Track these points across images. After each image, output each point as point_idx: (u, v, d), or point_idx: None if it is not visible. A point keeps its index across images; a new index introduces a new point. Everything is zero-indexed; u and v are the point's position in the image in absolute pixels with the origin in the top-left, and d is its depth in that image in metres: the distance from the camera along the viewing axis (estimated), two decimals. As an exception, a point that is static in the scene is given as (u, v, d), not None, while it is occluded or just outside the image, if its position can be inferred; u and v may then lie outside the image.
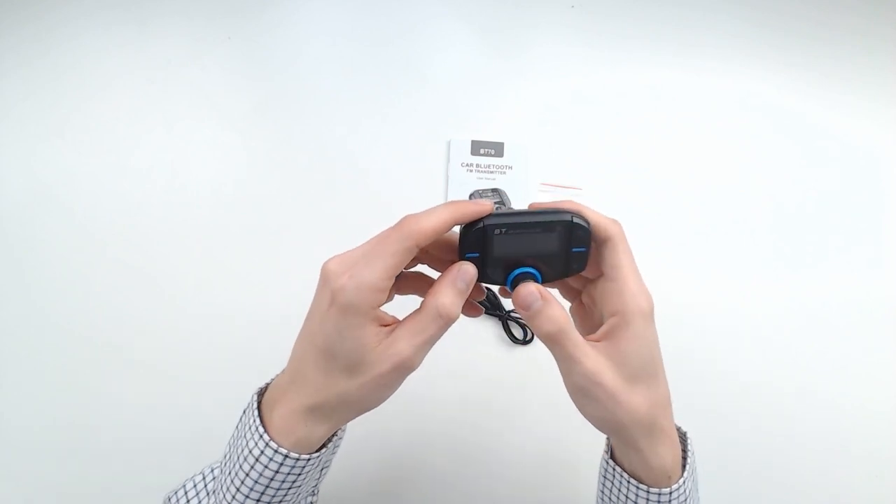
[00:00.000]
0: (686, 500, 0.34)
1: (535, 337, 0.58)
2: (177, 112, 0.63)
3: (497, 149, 0.63)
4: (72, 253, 0.60)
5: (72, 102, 0.63)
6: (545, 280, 0.33)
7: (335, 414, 0.32)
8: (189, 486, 0.36)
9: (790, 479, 0.59)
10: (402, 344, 0.30)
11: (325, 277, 0.31)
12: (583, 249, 0.33)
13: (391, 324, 0.32)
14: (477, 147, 0.63)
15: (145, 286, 0.60)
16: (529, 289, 0.32)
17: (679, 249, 0.63)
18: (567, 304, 0.36)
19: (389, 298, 0.32)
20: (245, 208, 0.62)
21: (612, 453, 0.37)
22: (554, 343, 0.32)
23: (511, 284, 0.33)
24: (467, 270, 0.32)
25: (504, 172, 0.63)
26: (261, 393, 0.34)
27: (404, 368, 0.31)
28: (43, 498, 0.56)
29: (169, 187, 0.62)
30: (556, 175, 0.63)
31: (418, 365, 0.31)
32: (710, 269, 0.63)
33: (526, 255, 0.33)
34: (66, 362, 0.58)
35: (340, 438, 0.37)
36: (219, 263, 0.61)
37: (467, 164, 0.63)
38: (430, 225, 0.30)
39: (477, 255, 0.32)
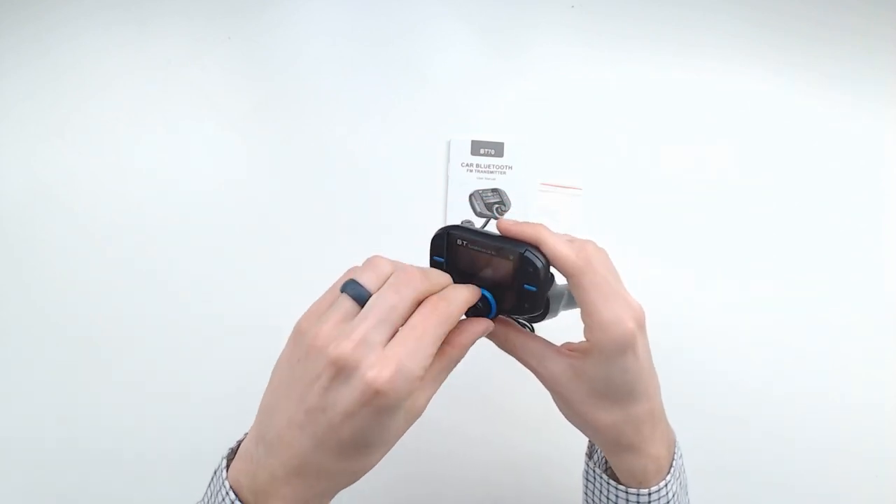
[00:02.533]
0: (669, 501, 0.34)
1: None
2: (177, 112, 0.63)
3: (497, 149, 0.63)
4: (72, 253, 0.60)
5: (72, 102, 0.63)
6: (500, 311, 0.33)
7: (333, 493, 0.30)
8: None
9: (790, 479, 0.59)
10: (417, 400, 0.29)
11: (350, 367, 0.26)
12: (533, 289, 0.31)
13: None
14: (477, 147, 0.63)
15: (146, 286, 0.60)
16: (476, 326, 0.32)
17: (679, 249, 0.63)
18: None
19: None
20: (245, 208, 0.62)
21: (592, 453, 0.39)
22: (514, 356, 0.34)
23: None
24: (480, 322, 0.32)
25: (504, 172, 0.63)
26: (229, 457, 0.30)
27: (413, 420, 0.30)
28: (48, 488, 0.56)
29: (169, 187, 0.62)
30: (556, 175, 0.63)
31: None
32: (710, 268, 0.63)
33: (483, 277, 0.32)
34: (66, 362, 0.58)
35: None
36: (219, 263, 0.61)
37: (467, 164, 0.63)
38: (461, 308, 0.30)
39: (442, 259, 0.33)
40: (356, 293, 0.28)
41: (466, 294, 0.31)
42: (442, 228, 0.33)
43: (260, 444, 0.28)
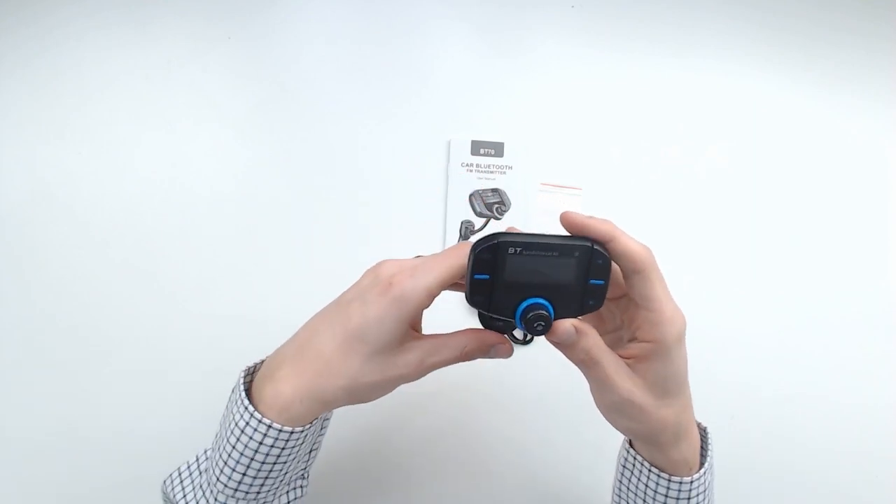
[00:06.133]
0: (705, 490, 0.35)
1: (535, 337, 0.59)
2: (177, 112, 0.63)
3: (497, 149, 0.63)
4: (72, 253, 0.60)
5: (72, 102, 0.63)
6: (557, 316, 0.30)
7: (333, 397, 0.32)
8: (183, 467, 0.37)
9: (790, 479, 0.59)
10: (421, 355, 0.32)
11: (380, 270, 0.32)
12: (601, 283, 0.30)
13: (419, 333, 0.34)
14: (477, 147, 0.63)
15: (146, 286, 0.60)
16: (565, 326, 0.31)
17: (679, 249, 0.63)
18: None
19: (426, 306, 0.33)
20: (245, 208, 0.62)
21: (631, 443, 0.38)
22: (587, 368, 0.32)
23: (520, 319, 0.30)
24: (506, 350, 0.34)
25: (504, 172, 0.63)
26: (248, 372, 0.35)
27: (408, 378, 0.33)
28: (46, 492, 0.56)
29: (169, 187, 0.62)
30: (556, 175, 0.63)
31: (413, 379, 0.33)
32: (710, 268, 0.63)
33: (539, 283, 0.30)
34: (66, 362, 0.58)
35: (327, 419, 0.38)
36: (219, 263, 0.61)
37: (467, 164, 0.63)
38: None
39: (487, 276, 0.29)
40: None
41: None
42: (486, 239, 0.29)
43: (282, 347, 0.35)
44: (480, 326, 0.35)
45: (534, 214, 0.63)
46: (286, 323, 0.37)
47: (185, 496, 0.35)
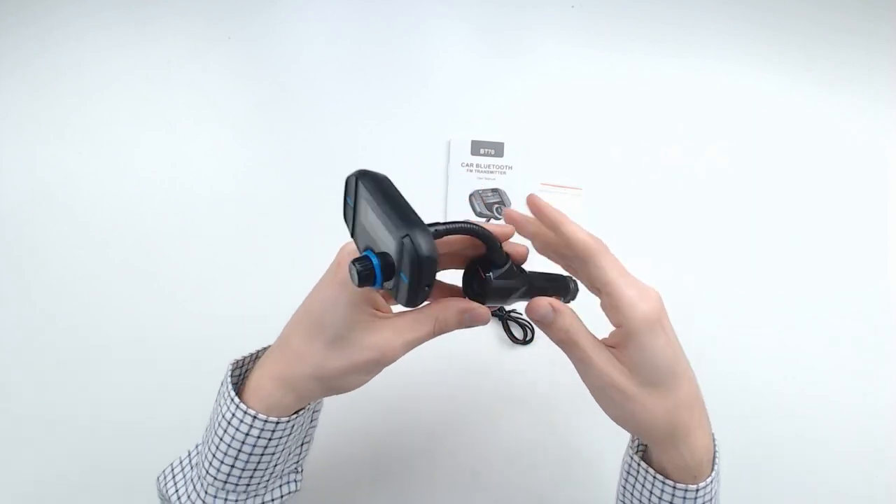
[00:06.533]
0: (712, 500, 0.34)
1: (536, 337, 0.59)
2: (177, 112, 0.63)
3: (497, 149, 0.63)
4: (72, 253, 0.60)
5: (72, 102, 0.63)
6: (383, 277, 0.28)
7: (304, 386, 0.32)
8: (175, 463, 0.38)
9: (790, 478, 0.59)
10: (389, 335, 0.31)
11: (339, 253, 0.33)
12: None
13: (386, 313, 0.33)
14: (477, 147, 0.63)
15: (146, 286, 0.60)
16: (541, 302, 0.32)
17: (679, 249, 0.63)
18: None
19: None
20: (245, 207, 0.62)
21: (637, 449, 0.38)
22: (567, 348, 0.33)
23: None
24: (482, 315, 0.32)
25: (504, 172, 0.63)
26: (236, 365, 0.35)
27: (383, 360, 0.31)
28: (50, 486, 0.56)
29: (169, 187, 0.62)
30: (556, 175, 0.63)
31: (396, 360, 0.32)
32: (710, 268, 0.63)
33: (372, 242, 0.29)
34: (66, 361, 0.58)
35: (317, 412, 0.38)
36: (219, 263, 0.61)
37: (467, 164, 0.63)
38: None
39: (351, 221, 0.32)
40: None
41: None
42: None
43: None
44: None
45: (534, 214, 0.63)
46: (285, 321, 0.37)
47: (177, 491, 0.35)
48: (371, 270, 0.27)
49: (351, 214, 0.31)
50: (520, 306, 0.43)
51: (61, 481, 0.56)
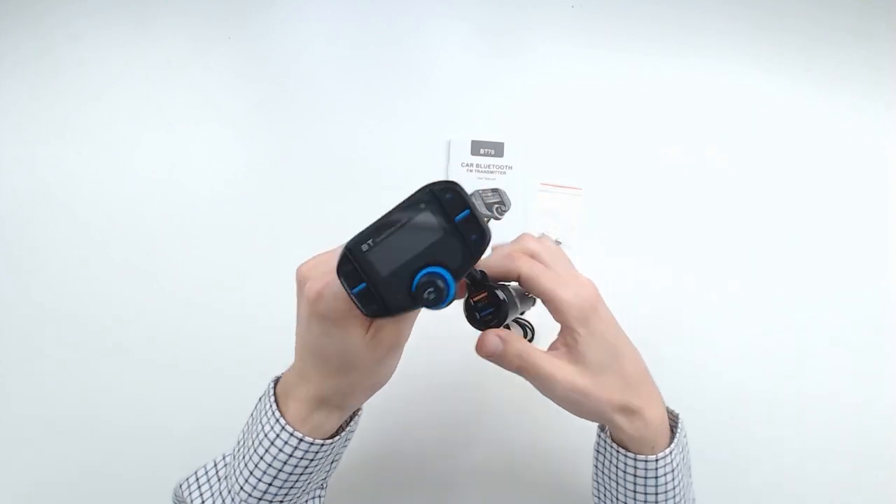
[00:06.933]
0: (673, 471, 0.36)
1: (535, 337, 0.59)
2: (177, 112, 0.63)
3: (497, 149, 0.63)
4: (72, 253, 0.60)
5: (72, 102, 0.63)
6: (457, 275, 0.27)
7: (344, 402, 0.33)
8: (201, 472, 0.37)
9: (791, 478, 0.59)
10: (388, 329, 0.31)
11: (300, 284, 0.31)
12: (467, 213, 0.27)
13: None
14: (477, 147, 0.63)
15: (146, 286, 0.60)
16: (489, 336, 0.34)
17: (678, 249, 0.63)
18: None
19: None
20: (244, 207, 0.62)
21: (604, 427, 0.40)
22: (526, 373, 0.34)
23: (417, 300, 0.27)
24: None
25: (504, 172, 0.63)
26: (276, 382, 0.35)
27: (397, 348, 0.32)
28: (48, 487, 0.56)
29: (169, 187, 0.62)
30: (556, 175, 0.63)
31: (408, 337, 0.33)
32: (709, 268, 0.63)
33: (413, 256, 0.27)
34: (67, 361, 0.58)
35: (352, 431, 0.38)
36: (219, 262, 0.61)
37: (467, 164, 0.63)
38: None
39: (365, 284, 0.27)
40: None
41: None
42: (341, 257, 0.27)
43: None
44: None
45: (534, 214, 0.63)
46: (286, 322, 0.37)
47: (203, 502, 0.35)
48: (444, 285, 0.26)
49: (372, 293, 0.27)
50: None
51: (61, 481, 0.56)
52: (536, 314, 0.43)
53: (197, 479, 0.37)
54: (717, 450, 0.59)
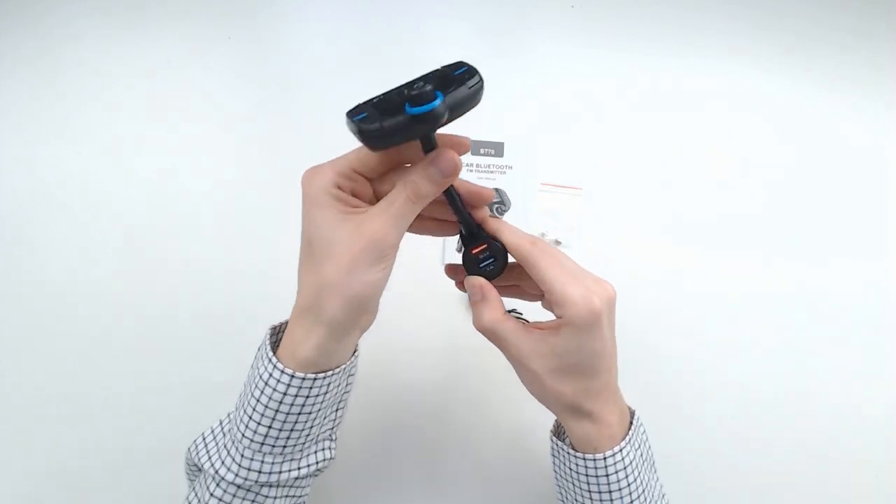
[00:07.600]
0: (626, 468, 0.36)
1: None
2: (177, 112, 0.63)
3: (497, 149, 0.63)
4: (72, 253, 0.60)
5: (72, 102, 0.63)
6: (445, 93, 0.32)
7: (322, 311, 0.32)
8: (207, 432, 0.38)
9: (790, 478, 0.59)
10: (371, 219, 0.32)
11: (303, 185, 0.34)
12: (464, 68, 0.35)
13: (358, 206, 0.34)
14: (477, 147, 0.63)
15: (146, 286, 0.60)
16: (478, 282, 0.36)
17: (679, 249, 0.63)
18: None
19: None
20: (244, 208, 0.62)
21: (556, 431, 0.41)
22: (489, 336, 0.36)
23: (409, 105, 0.30)
24: (447, 158, 0.34)
25: (504, 172, 0.63)
26: (274, 330, 0.36)
27: (380, 244, 0.32)
28: (46, 487, 0.56)
29: (169, 187, 0.62)
30: (556, 175, 0.63)
31: (394, 243, 0.32)
32: (710, 268, 0.63)
33: (407, 87, 0.33)
34: (66, 362, 0.58)
35: (352, 376, 0.38)
36: (219, 263, 0.61)
37: (467, 164, 0.63)
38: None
39: (366, 114, 0.32)
40: None
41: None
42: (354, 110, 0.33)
43: None
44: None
45: (534, 214, 0.63)
46: (284, 319, 0.37)
47: (209, 458, 0.35)
48: (430, 90, 0.29)
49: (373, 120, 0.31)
50: (518, 303, 0.43)
51: (61, 479, 0.56)
52: (532, 306, 0.43)
53: (204, 439, 0.37)
54: (716, 449, 0.59)
